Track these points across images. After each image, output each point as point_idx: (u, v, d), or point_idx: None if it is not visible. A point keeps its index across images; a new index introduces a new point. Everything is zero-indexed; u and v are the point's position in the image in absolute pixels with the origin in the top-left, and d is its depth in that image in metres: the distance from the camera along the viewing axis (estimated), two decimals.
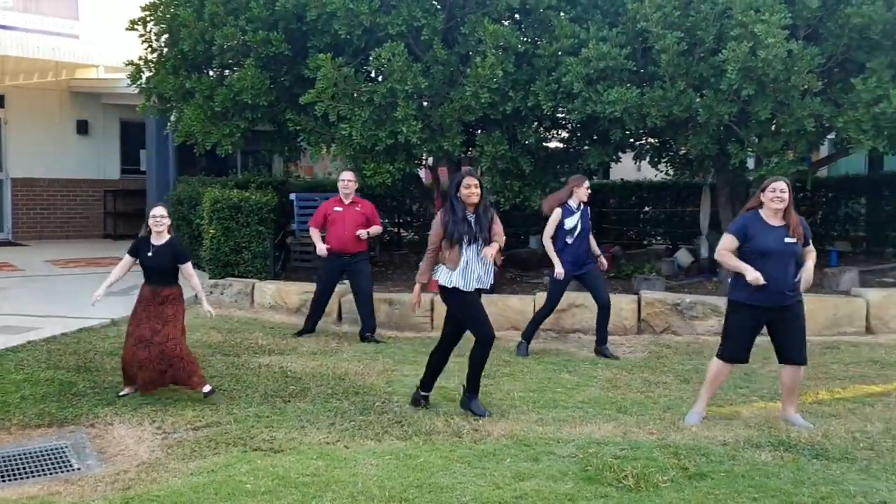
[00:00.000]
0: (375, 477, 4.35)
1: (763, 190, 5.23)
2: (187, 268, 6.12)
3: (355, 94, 8.79)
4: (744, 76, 7.74)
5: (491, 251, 5.39)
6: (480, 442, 4.95)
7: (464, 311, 5.56)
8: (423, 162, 10.86)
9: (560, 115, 9.63)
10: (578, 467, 4.43)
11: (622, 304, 8.36)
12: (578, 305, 8.35)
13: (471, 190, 5.43)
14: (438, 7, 8.93)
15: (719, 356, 5.40)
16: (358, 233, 8.05)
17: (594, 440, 4.93)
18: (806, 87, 7.91)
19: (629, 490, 4.11)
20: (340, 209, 8.18)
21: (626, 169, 14.03)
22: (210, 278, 10.06)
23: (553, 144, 10.98)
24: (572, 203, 7.51)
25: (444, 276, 5.52)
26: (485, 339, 5.50)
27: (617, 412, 5.62)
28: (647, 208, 14.56)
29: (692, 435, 5.06)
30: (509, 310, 8.53)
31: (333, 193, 12.87)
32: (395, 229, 15.16)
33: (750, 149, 8.59)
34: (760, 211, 5.24)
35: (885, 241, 12.30)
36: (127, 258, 6.18)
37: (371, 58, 8.83)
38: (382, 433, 5.15)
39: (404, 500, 4.06)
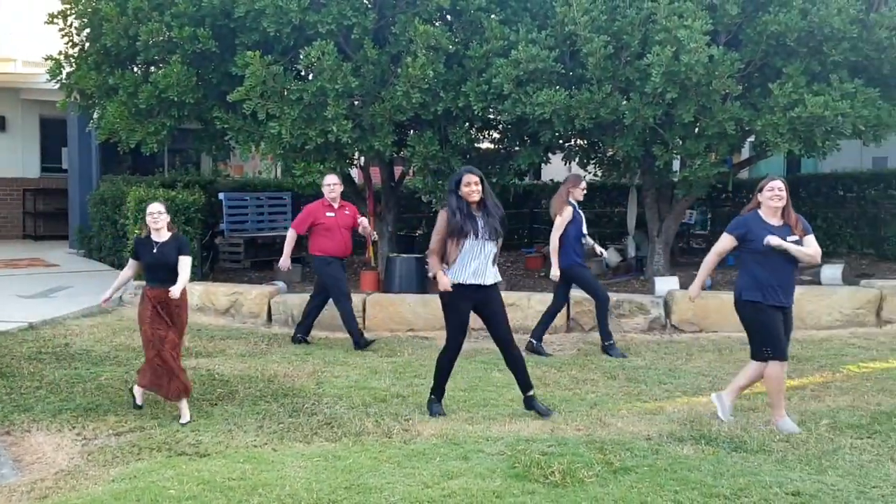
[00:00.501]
0: (303, 479, 4.31)
1: (760, 190, 5.30)
2: (187, 259, 5.72)
3: (285, 93, 8.69)
4: (667, 80, 7.94)
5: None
6: (410, 442, 4.95)
7: (444, 309, 5.51)
8: (355, 162, 10.81)
9: (491, 116, 9.71)
10: (507, 465, 4.48)
11: (548, 302, 8.45)
12: (510, 305, 8.42)
13: (471, 188, 5.35)
14: (369, 6, 8.90)
15: (772, 358, 5.21)
16: (362, 226, 8.08)
17: (523, 437, 4.99)
18: (726, 91, 8.16)
19: (555, 486, 4.18)
20: (333, 215, 7.93)
21: (556, 170, 14.24)
22: (134, 280, 9.80)
23: (485, 145, 11.07)
24: (574, 202, 7.63)
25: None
26: (446, 346, 5.52)
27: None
28: None
29: (618, 430, 5.17)
30: (441, 310, 8.53)
31: (264, 193, 12.82)
32: None
33: (674, 151, 8.82)
34: (759, 211, 5.30)
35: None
36: (131, 262, 5.93)
37: (301, 56, 8.75)
38: (311, 435, 5.11)
39: (332, 501, 4.04)
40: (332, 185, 8.02)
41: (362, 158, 10.78)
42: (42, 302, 9.48)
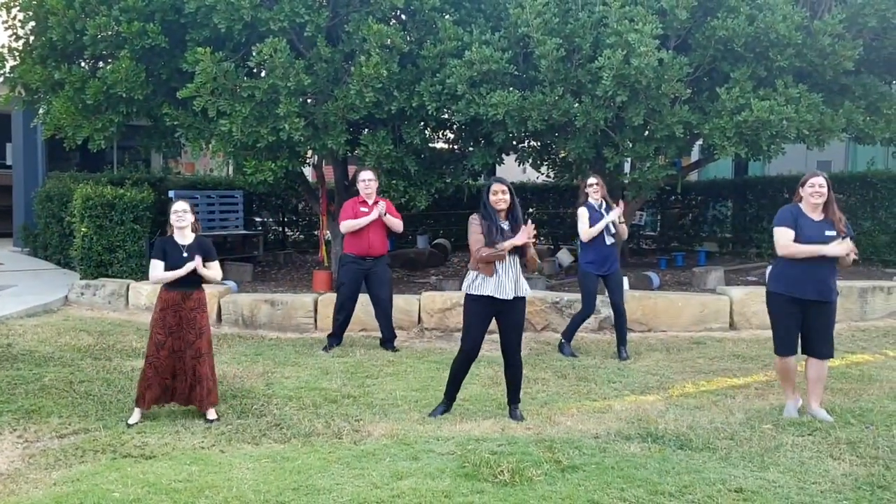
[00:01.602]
0: (251, 481, 4.27)
1: (802, 185, 5.34)
2: (215, 263, 5.52)
3: (236, 90, 8.58)
4: (618, 83, 8.05)
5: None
6: (360, 443, 4.94)
7: (464, 315, 5.47)
8: (308, 160, 10.73)
9: (445, 116, 9.73)
10: (456, 464, 4.49)
11: None
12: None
13: (498, 196, 5.31)
14: (323, 4, 8.83)
15: (775, 352, 5.50)
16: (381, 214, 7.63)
17: (473, 437, 5.01)
18: (675, 94, 8.30)
19: (504, 485, 4.20)
20: (366, 210, 7.66)
21: (510, 171, 14.32)
22: (81, 279, 9.61)
23: (439, 145, 11.08)
24: (593, 202, 7.51)
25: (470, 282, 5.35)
26: (461, 350, 5.48)
27: (497, 409, 5.73)
28: (530, 209, 14.91)
29: (567, 429, 5.23)
30: (395, 310, 8.52)
31: (215, 191, 12.66)
32: (280, 228, 14.92)
33: (625, 153, 8.95)
34: (801, 205, 5.35)
35: (749, 242, 13.07)
36: (158, 263, 5.42)
37: (253, 53, 8.65)
38: (260, 436, 5.06)
39: (280, 503, 4.00)
40: (366, 181, 7.72)
41: (315, 157, 10.71)
42: None
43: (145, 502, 4.01)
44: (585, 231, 7.42)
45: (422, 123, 9.58)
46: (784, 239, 5.32)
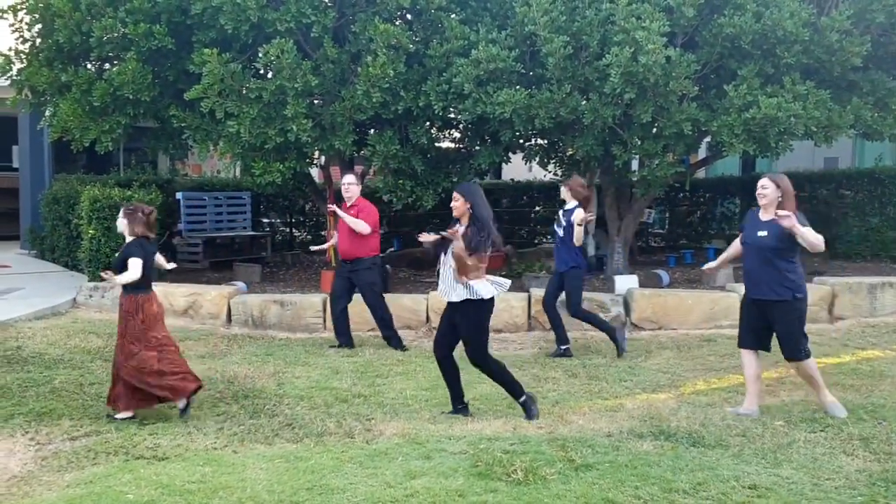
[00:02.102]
0: (265, 481, 4.27)
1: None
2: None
3: (243, 91, 8.59)
4: (626, 80, 8.03)
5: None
6: (373, 442, 4.94)
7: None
8: (315, 161, 10.74)
9: (451, 116, 9.72)
10: (469, 463, 4.49)
11: (513, 302, 8.52)
12: None
13: (453, 203, 5.41)
14: (329, 4, 8.84)
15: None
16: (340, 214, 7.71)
17: (485, 436, 5.00)
18: (683, 92, 8.28)
19: (518, 484, 4.20)
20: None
21: (516, 170, 14.31)
22: (89, 281, 9.63)
23: (445, 144, 11.08)
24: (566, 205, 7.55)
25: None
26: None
27: (508, 408, 5.72)
28: (537, 208, 14.89)
29: (579, 427, 5.22)
30: (401, 309, 8.54)
31: (222, 192, 12.67)
32: (288, 229, 14.93)
33: (633, 150, 8.92)
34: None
35: None
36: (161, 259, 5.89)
37: (259, 54, 8.66)
38: (273, 436, 5.06)
39: (294, 503, 4.00)
40: (346, 184, 7.84)
41: (322, 158, 10.71)
42: None
43: (159, 503, 4.01)
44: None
45: (428, 123, 9.59)
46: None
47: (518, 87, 8.47)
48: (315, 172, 12.08)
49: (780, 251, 5.30)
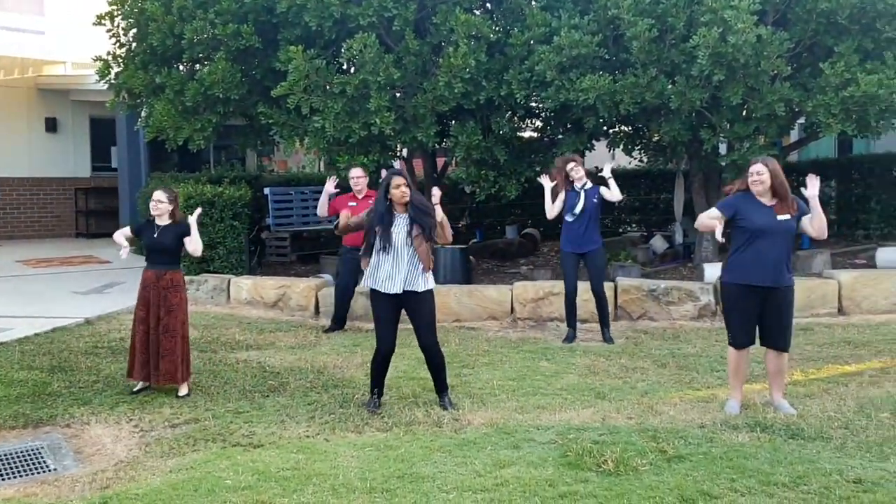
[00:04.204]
0: (356, 469, 4.35)
1: (748, 172, 5.24)
2: (194, 234, 5.92)
3: (327, 87, 8.73)
4: (714, 62, 7.79)
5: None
6: (461, 431, 4.96)
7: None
8: (398, 153, 10.83)
9: (533, 104, 9.65)
10: (558, 453, 4.46)
11: None
12: (556, 294, 8.38)
13: (401, 190, 5.28)
14: None
15: (729, 343, 5.36)
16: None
17: (573, 426, 4.96)
18: (775, 72, 7.98)
19: (609, 474, 4.14)
20: (354, 204, 7.92)
21: (599, 157, 14.07)
22: (185, 275, 9.97)
23: (527, 134, 11.00)
24: (576, 185, 7.47)
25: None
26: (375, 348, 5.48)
27: (595, 398, 5.65)
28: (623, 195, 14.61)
29: (670, 418, 5.11)
30: (487, 300, 8.55)
31: (308, 187, 12.93)
32: None
33: (722, 134, 8.66)
34: (751, 192, 5.22)
35: (856, 224, 12.47)
36: (127, 230, 6.25)
37: (342, 49, 8.78)
38: (363, 425, 5.14)
39: (386, 490, 4.06)
40: (355, 178, 8.12)
41: (405, 150, 10.80)
42: (97, 298, 9.71)
43: (256, 489, 4.13)
44: (548, 208, 7.53)
45: (510, 112, 9.53)
46: (705, 213, 5.33)
47: (601, 72, 8.34)
48: (397, 165, 12.18)
49: (794, 236, 5.18)
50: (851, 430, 4.77)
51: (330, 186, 8.09)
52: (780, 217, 5.10)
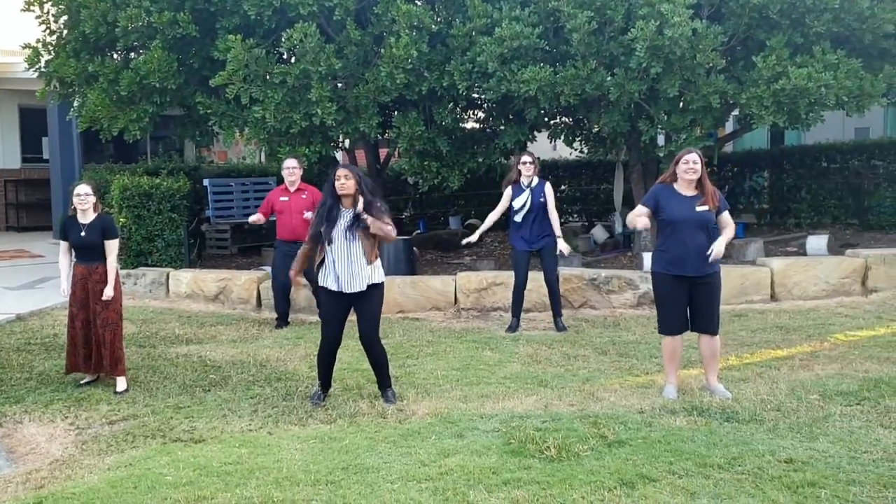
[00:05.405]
0: (300, 461, 4.32)
1: (676, 163, 5.35)
2: (112, 243, 5.88)
3: (267, 76, 8.62)
4: (652, 55, 7.93)
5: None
6: (405, 422, 4.97)
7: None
8: (340, 144, 10.75)
9: (476, 95, 9.69)
10: (502, 441, 4.51)
11: (541, 281, 8.48)
12: (499, 284, 8.45)
13: (341, 182, 5.22)
14: None
15: (659, 331, 5.51)
16: (306, 215, 7.82)
17: (517, 414, 5.02)
18: (710, 64, 8.17)
19: (551, 460, 4.21)
20: (286, 198, 7.98)
21: (541, 148, 14.21)
22: (121, 269, 9.75)
23: (470, 125, 11.04)
24: (524, 181, 7.54)
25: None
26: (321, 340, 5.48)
27: (538, 386, 5.73)
28: (563, 187, 14.81)
29: (611, 404, 5.21)
30: (430, 291, 8.57)
31: (248, 178, 12.74)
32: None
33: (660, 125, 8.83)
34: (674, 184, 5.36)
35: (787, 213, 12.86)
36: (62, 244, 6.07)
37: (283, 39, 8.67)
38: (306, 418, 5.12)
39: (330, 482, 4.05)
40: (290, 168, 8.05)
41: (347, 141, 10.73)
42: (29, 293, 9.43)
43: (198, 485, 4.07)
44: (492, 214, 7.69)
45: (452, 103, 9.55)
46: (634, 211, 5.49)
47: (542, 64, 8.41)
48: (339, 156, 12.10)
49: (714, 225, 5.33)
50: (783, 412, 4.94)
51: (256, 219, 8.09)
52: (698, 208, 5.25)
